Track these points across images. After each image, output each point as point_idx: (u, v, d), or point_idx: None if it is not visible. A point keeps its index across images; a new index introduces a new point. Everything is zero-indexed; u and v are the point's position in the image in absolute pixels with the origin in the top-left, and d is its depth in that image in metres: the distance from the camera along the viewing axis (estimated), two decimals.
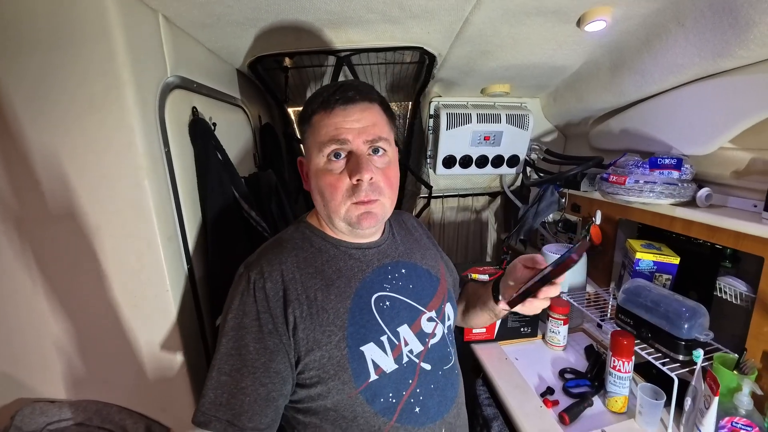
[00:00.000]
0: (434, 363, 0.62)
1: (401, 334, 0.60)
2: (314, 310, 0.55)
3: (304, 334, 0.53)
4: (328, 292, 0.57)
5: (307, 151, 0.61)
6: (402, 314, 0.61)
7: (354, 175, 0.55)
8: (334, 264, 0.60)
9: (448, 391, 0.64)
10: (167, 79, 0.74)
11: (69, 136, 0.65)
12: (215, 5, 0.71)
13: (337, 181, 0.56)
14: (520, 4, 0.77)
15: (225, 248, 0.82)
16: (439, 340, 0.64)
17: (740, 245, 0.79)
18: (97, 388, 0.77)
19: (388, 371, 0.57)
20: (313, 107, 0.58)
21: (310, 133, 0.59)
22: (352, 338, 0.55)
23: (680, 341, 0.77)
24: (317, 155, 0.57)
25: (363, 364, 0.55)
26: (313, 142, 0.58)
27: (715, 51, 0.76)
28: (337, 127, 0.55)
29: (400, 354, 0.59)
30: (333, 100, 0.56)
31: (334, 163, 0.56)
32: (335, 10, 0.76)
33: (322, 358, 0.54)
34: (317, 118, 0.57)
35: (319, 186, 0.58)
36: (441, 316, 0.66)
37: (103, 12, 0.61)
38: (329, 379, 0.54)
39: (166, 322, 0.73)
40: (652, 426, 0.77)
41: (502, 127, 1.36)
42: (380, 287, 0.61)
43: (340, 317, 0.56)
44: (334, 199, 0.57)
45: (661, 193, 0.92)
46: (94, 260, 0.71)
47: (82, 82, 0.63)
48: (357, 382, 0.54)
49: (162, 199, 0.71)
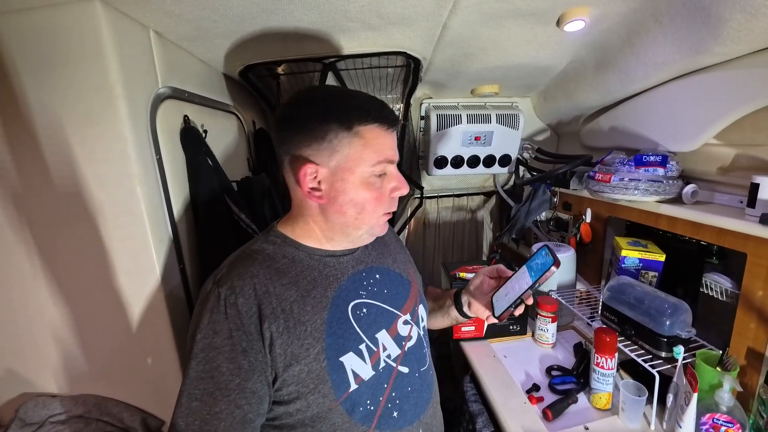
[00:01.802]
0: (411, 365, 0.63)
1: (380, 340, 0.60)
2: (291, 323, 0.53)
3: (282, 349, 0.51)
4: (304, 304, 0.55)
5: (345, 161, 0.54)
6: (379, 320, 0.61)
7: (397, 191, 0.58)
8: (309, 274, 0.58)
9: (425, 392, 0.65)
10: (158, 91, 0.79)
11: (69, 148, 0.70)
12: (202, 20, 0.75)
13: (382, 196, 0.57)
14: (496, 8, 0.79)
15: (216, 249, 0.85)
16: (415, 343, 0.65)
17: (723, 241, 0.79)
18: (95, 383, 0.82)
19: (366, 379, 0.57)
20: (361, 117, 0.54)
21: (356, 144, 0.54)
22: (330, 349, 0.54)
23: (662, 338, 0.78)
24: (365, 168, 0.55)
25: (343, 374, 0.54)
26: (361, 155, 0.54)
27: (693, 48, 0.77)
28: (391, 147, 0.58)
29: (377, 360, 0.58)
30: (388, 120, 0.56)
31: (379, 180, 0.57)
32: (315, 20, 0.79)
33: (301, 373, 0.52)
34: (369, 131, 0.55)
35: (359, 198, 0.56)
36: (415, 318, 0.67)
37: (97, 32, 0.65)
38: (309, 394, 0.52)
39: (159, 320, 0.77)
40: (635, 422, 0.77)
41: (492, 127, 1.37)
42: (356, 294, 0.60)
43: (317, 329, 0.54)
44: (376, 211, 0.58)
45: (646, 191, 0.92)
46: (92, 262, 0.75)
47: (79, 98, 0.68)
48: (337, 394, 0.54)
49: (153, 203, 0.75)
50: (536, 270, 0.59)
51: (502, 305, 0.62)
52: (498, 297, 0.65)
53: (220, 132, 1.06)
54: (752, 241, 0.72)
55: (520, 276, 0.62)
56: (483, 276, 0.71)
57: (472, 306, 0.71)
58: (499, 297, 0.64)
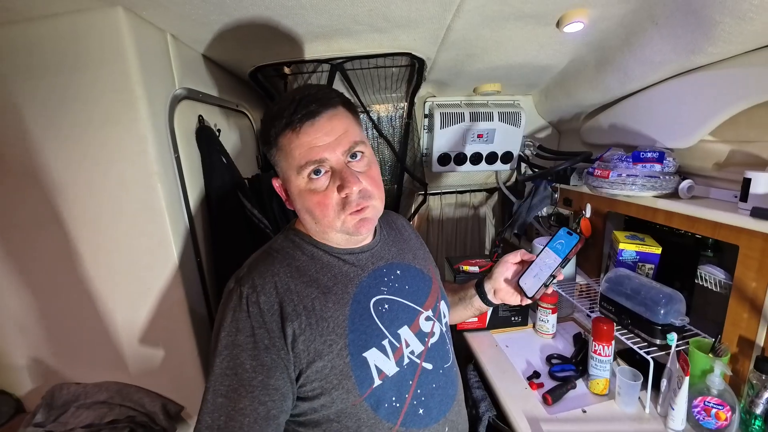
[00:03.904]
0: (435, 362, 0.63)
1: (402, 336, 0.59)
2: (313, 320, 0.53)
3: (305, 345, 0.52)
4: (326, 300, 0.55)
5: (283, 174, 0.58)
6: (401, 316, 0.61)
7: (342, 190, 0.54)
8: (329, 271, 0.58)
9: (449, 389, 0.64)
10: (175, 92, 0.82)
11: (90, 147, 0.74)
12: (216, 24, 0.78)
13: (325, 198, 0.54)
14: (498, 11, 0.82)
15: (230, 243, 0.89)
16: (438, 339, 0.65)
17: (717, 234, 0.82)
18: (117, 371, 0.86)
19: (390, 375, 0.56)
20: (277, 129, 0.54)
21: (281, 157, 0.56)
22: (353, 345, 0.54)
23: (657, 326, 0.81)
24: (296, 177, 0.55)
25: (366, 370, 0.54)
26: (288, 166, 0.55)
27: (688, 48, 0.80)
28: (310, 146, 0.53)
29: (401, 356, 0.58)
30: (296, 119, 0.53)
31: (316, 182, 0.54)
32: (325, 23, 0.82)
33: (324, 369, 0.52)
34: (285, 140, 0.54)
35: (306, 206, 0.56)
36: (437, 314, 0.67)
37: (118, 36, 0.69)
38: (332, 389, 0.52)
39: (178, 311, 0.81)
40: (631, 406, 0.81)
41: (494, 124, 1.40)
42: (377, 290, 0.60)
43: (339, 325, 0.54)
44: (327, 215, 0.55)
45: (644, 186, 0.95)
46: (115, 257, 0.79)
47: (99, 99, 0.72)
48: (361, 390, 0.54)
49: (172, 200, 0.79)
50: (562, 247, 0.62)
51: (534, 285, 0.64)
52: (525, 279, 0.66)
53: (232, 131, 1.09)
54: (744, 234, 0.76)
55: (546, 256, 0.64)
56: (507, 263, 0.71)
57: (498, 293, 0.72)
58: (527, 279, 0.66)
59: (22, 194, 0.77)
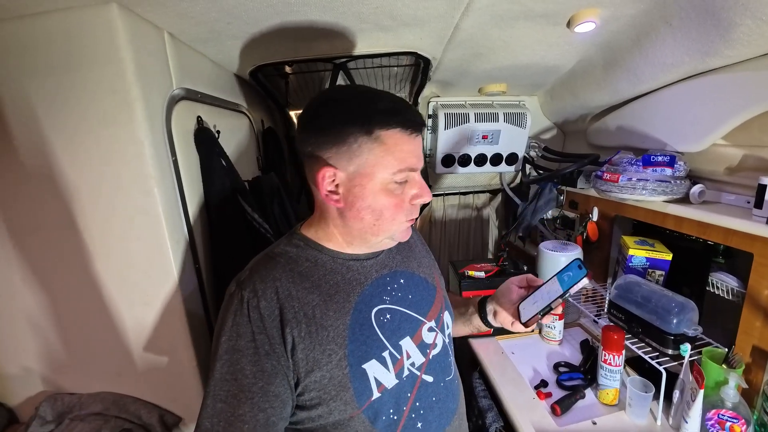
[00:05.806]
0: (436, 374, 0.61)
1: (404, 348, 0.58)
2: (313, 328, 0.52)
3: (303, 354, 0.51)
4: (327, 308, 0.54)
5: (362, 167, 0.53)
6: (403, 326, 0.59)
7: (419, 198, 0.57)
8: (332, 278, 0.57)
9: (450, 402, 0.63)
10: (173, 92, 0.79)
11: (84, 150, 0.71)
12: (216, 22, 0.75)
13: (402, 203, 0.56)
14: (508, 9, 0.79)
15: (230, 250, 0.87)
16: (440, 351, 0.63)
17: (730, 241, 0.80)
18: (112, 381, 0.83)
19: (389, 387, 0.55)
20: (383, 121, 0.52)
21: (373, 149, 0.52)
22: (353, 356, 0.53)
23: (669, 336, 0.79)
24: (384, 175, 0.53)
25: (365, 382, 0.53)
26: (381, 162, 0.53)
27: (703, 50, 0.78)
28: (415, 154, 0.55)
29: (401, 368, 0.57)
30: (412, 122, 0.54)
31: (400, 186, 0.55)
32: (330, 22, 0.79)
33: (323, 379, 0.51)
34: (393, 137, 0.53)
35: (378, 204, 0.54)
36: (440, 325, 0.65)
37: (112, 34, 0.65)
38: (330, 400, 0.52)
39: (175, 319, 0.78)
40: (642, 418, 0.79)
41: (499, 125, 1.38)
42: (380, 300, 0.59)
43: (339, 335, 0.53)
44: (396, 219, 0.56)
45: (654, 191, 0.93)
46: (110, 263, 0.76)
47: (94, 99, 0.68)
48: (359, 402, 0.52)
49: (170, 204, 0.76)
50: (567, 280, 0.60)
51: (530, 312, 0.62)
52: (525, 305, 0.64)
53: (232, 132, 1.06)
54: (759, 242, 0.74)
55: (550, 285, 0.62)
56: (512, 285, 0.69)
57: (498, 315, 0.70)
58: (527, 305, 0.64)
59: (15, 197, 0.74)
